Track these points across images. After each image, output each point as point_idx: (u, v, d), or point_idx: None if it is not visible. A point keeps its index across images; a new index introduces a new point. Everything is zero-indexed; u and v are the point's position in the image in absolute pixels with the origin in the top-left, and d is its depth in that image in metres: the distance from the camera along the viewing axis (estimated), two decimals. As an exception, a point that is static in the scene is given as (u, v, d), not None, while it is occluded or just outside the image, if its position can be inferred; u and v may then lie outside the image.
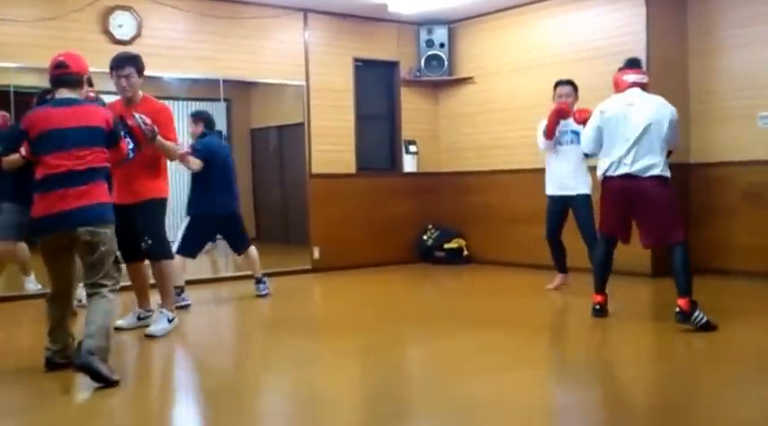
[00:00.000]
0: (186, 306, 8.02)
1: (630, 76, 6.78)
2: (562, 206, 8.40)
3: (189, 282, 8.53)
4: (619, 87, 6.84)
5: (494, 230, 11.26)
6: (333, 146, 11.03)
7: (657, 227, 6.56)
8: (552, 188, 8.49)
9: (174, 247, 7.85)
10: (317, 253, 10.87)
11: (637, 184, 6.56)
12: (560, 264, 8.66)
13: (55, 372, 5.30)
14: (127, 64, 6.49)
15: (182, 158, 7.59)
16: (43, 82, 9.10)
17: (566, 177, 8.32)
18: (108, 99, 7.53)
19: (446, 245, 11.58)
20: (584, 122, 7.46)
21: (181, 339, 6.67)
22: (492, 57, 11.30)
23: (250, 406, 4.67)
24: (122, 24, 9.26)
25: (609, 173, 6.71)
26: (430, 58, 11.73)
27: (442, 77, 11.79)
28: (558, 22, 10.47)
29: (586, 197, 8.27)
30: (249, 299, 8.65)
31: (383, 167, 11.83)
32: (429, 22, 11.63)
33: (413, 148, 11.84)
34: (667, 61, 9.69)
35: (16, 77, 8.86)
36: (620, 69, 6.91)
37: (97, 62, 6.66)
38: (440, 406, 4.56)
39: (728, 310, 7.16)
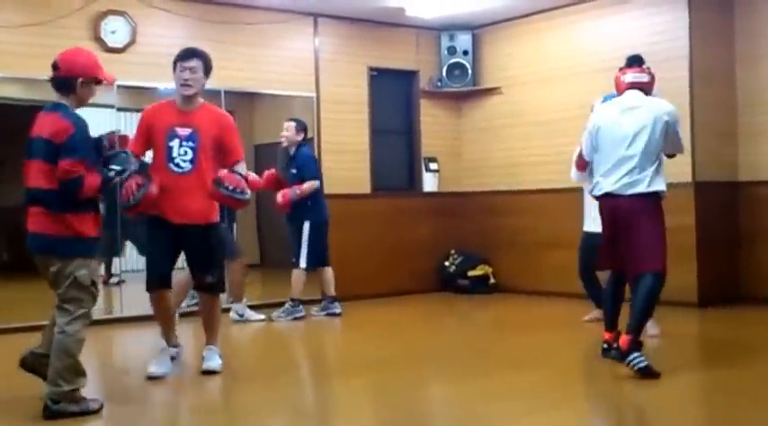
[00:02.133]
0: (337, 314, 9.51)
1: (628, 76, 6.54)
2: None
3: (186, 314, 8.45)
4: (618, 89, 6.64)
5: (523, 255, 11.05)
6: (346, 163, 10.88)
7: (634, 252, 6.25)
8: (591, 224, 8.09)
9: (303, 261, 9.21)
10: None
11: (618, 204, 6.28)
12: (597, 299, 8.26)
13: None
14: (194, 56, 6.28)
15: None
16: (29, 93, 9.22)
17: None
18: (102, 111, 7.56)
19: (470, 272, 11.40)
20: None
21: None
22: (521, 66, 11.15)
23: None
24: (115, 30, 9.16)
25: (594, 192, 6.51)
26: (452, 67, 11.57)
27: (465, 88, 11.64)
28: (593, 26, 10.34)
29: None
30: (256, 330, 8.58)
31: (401, 187, 11.69)
32: (451, 28, 11.48)
33: (433, 166, 11.67)
34: (712, 69, 9.62)
35: (-1, 87, 8.81)
36: (621, 68, 6.67)
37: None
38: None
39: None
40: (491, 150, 11.54)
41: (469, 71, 11.59)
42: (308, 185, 9.18)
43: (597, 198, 6.49)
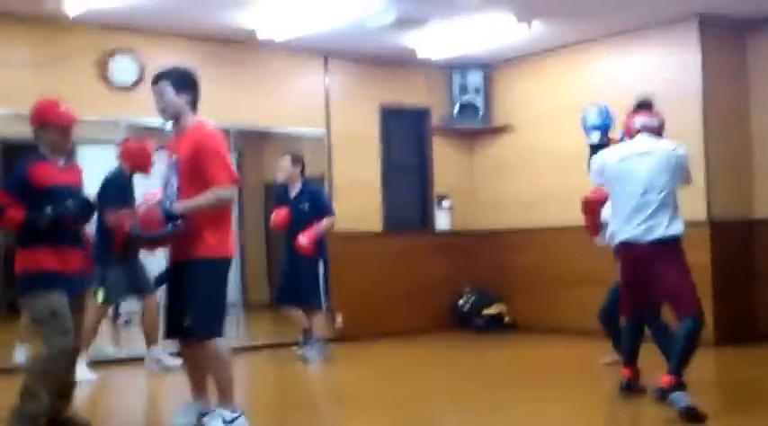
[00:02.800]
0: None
1: (638, 121, 6.47)
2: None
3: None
4: (628, 133, 6.57)
5: (538, 293, 10.85)
6: (357, 201, 10.74)
7: (668, 298, 6.21)
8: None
9: (324, 301, 8.99)
10: (340, 321, 10.53)
11: (638, 251, 6.21)
12: (618, 339, 7.81)
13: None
14: (159, 79, 5.69)
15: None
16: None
17: None
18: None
19: (485, 311, 11.24)
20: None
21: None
22: (533, 103, 11.05)
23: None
24: (123, 69, 9.12)
25: (611, 242, 6.48)
26: (464, 105, 11.49)
27: (477, 126, 11.56)
28: (604, 65, 10.29)
29: None
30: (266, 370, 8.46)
31: (413, 224, 11.56)
32: (462, 66, 11.41)
33: (446, 203, 11.56)
34: (726, 107, 9.57)
35: (5, 125, 8.73)
36: (630, 112, 6.61)
37: (95, 108, 6.55)
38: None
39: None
40: (504, 188, 11.41)
41: (481, 109, 11.48)
42: (329, 221, 8.98)
43: (617, 246, 6.39)
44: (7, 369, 8.18)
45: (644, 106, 6.59)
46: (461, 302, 11.46)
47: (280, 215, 8.88)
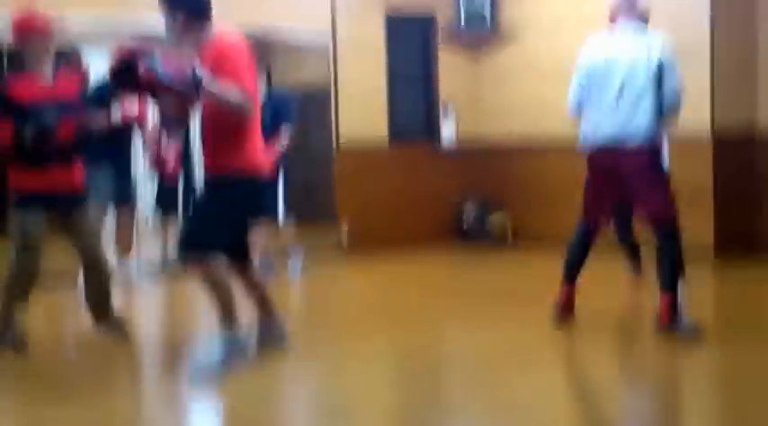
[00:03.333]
0: None
1: (622, 3, 6.01)
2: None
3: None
4: (611, 20, 6.13)
5: (544, 203, 10.85)
6: (363, 110, 10.71)
7: (645, 206, 5.91)
8: None
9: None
10: (345, 232, 10.60)
11: (615, 158, 5.83)
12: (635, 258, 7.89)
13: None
14: (162, 4, 5.32)
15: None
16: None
17: None
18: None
19: (488, 221, 11.28)
20: None
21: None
22: (543, 10, 10.89)
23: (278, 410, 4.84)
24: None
25: (585, 144, 6.06)
26: (470, 12, 11.30)
27: (483, 33, 11.40)
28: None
29: None
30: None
31: (419, 133, 11.53)
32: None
33: (452, 111, 11.50)
34: (734, 18, 9.47)
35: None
36: None
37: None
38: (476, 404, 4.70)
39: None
40: (509, 95, 11.28)
41: (488, 17, 11.30)
42: (285, 135, 8.57)
43: (587, 150, 6.06)
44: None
45: None
46: (465, 212, 11.45)
47: None
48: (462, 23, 11.35)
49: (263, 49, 8.37)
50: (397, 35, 11.16)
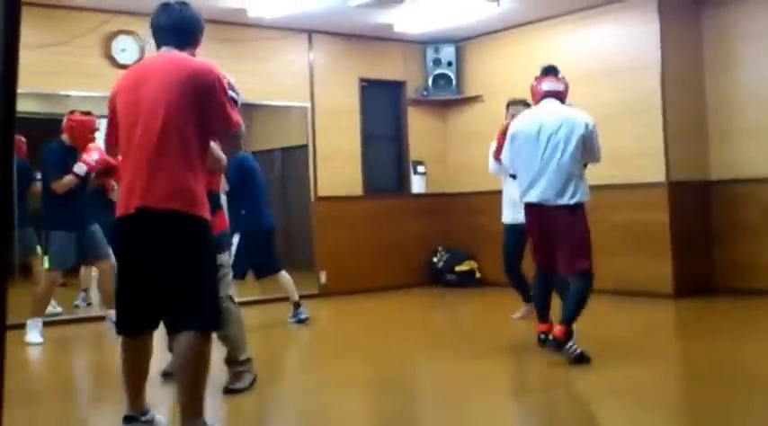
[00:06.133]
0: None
1: (544, 85, 6.44)
2: (519, 235, 7.92)
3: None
4: (534, 98, 6.54)
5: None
6: (339, 168, 11.17)
7: (568, 256, 6.24)
8: (508, 216, 8.28)
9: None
10: (323, 278, 10.98)
11: (545, 213, 6.24)
12: (526, 293, 8.25)
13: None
14: None
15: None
16: (45, 107, 9.38)
17: (519, 204, 7.64)
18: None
19: (457, 268, 11.67)
20: None
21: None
22: (501, 75, 11.38)
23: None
24: (125, 49, 9.42)
25: (524, 199, 6.42)
26: (437, 77, 11.89)
27: (450, 96, 11.95)
28: (569, 38, 10.59)
29: None
30: (265, 326, 8.74)
31: (391, 189, 11.96)
32: (436, 41, 11.79)
33: (421, 169, 11.99)
34: (683, 75, 9.82)
35: (17, 103, 8.93)
36: (537, 77, 6.58)
37: (99, 86, 6.82)
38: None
39: (750, 329, 7.34)
40: (475, 154, 11.65)
41: (453, 81, 11.89)
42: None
43: (526, 204, 6.41)
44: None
45: (550, 71, 6.56)
46: (435, 259, 11.89)
47: None
48: (430, 87, 11.85)
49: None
50: (370, 98, 11.66)
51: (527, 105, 7.66)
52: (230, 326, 5.36)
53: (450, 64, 11.87)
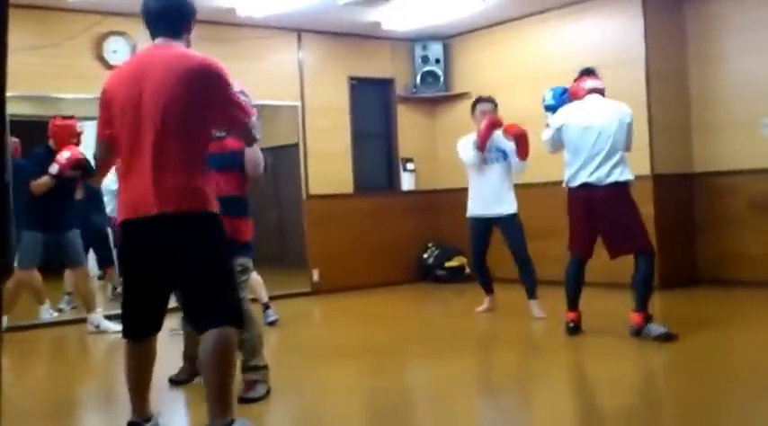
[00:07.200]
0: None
1: (588, 83, 7.02)
2: (487, 228, 8.43)
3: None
4: (578, 96, 7.07)
5: (495, 246, 11.23)
6: (329, 166, 11.20)
7: (621, 236, 6.75)
8: (476, 209, 8.45)
9: None
10: (316, 276, 11.01)
11: (597, 193, 6.74)
12: (489, 286, 8.71)
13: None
14: None
15: None
16: (38, 110, 9.36)
17: (491, 197, 8.31)
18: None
19: (447, 264, 11.70)
20: (515, 136, 7.91)
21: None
22: (489, 72, 11.44)
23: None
24: (116, 50, 9.42)
25: (571, 184, 6.94)
26: (425, 75, 11.92)
27: (438, 93, 11.99)
28: (555, 34, 10.66)
29: (515, 216, 8.27)
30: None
31: (381, 186, 11.99)
32: (423, 38, 11.82)
33: (410, 166, 12.02)
34: (667, 69, 9.89)
35: (10, 106, 8.91)
36: (576, 79, 7.16)
37: (91, 88, 6.83)
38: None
39: (734, 320, 7.44)
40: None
41: (441, 78, 11.91)
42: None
43: (572, 188, 6.91)
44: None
45: (590, 72, 7.15)
46: (426, 256, 11.92)
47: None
48: (418, 85, 11.87)
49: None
50: (359, 96, 11.69)
51: (494, 103, 8.45)
52: (250, 328, 5.30)
53: (437, 61, 11.90)
